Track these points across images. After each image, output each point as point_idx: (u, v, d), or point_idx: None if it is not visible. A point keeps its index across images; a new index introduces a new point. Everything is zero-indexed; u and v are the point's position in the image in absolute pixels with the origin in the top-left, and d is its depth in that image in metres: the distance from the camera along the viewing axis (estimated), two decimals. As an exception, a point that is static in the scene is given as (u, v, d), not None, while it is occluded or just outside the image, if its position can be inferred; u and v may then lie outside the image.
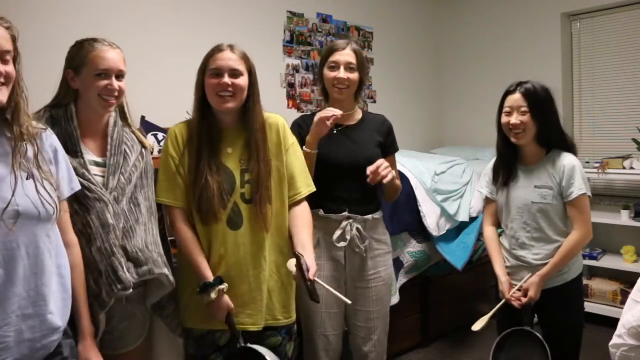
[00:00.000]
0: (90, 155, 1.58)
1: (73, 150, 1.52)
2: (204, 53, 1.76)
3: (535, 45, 4.06)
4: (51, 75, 1.61)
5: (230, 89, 1.69)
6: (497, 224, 2.21)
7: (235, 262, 1.71)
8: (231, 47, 1.74)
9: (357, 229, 2.02)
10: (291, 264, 1.68)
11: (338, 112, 1.93)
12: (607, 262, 3.62)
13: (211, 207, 1.67)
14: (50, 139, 1.39)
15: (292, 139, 1.86)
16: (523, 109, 1.98)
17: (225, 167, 1.74)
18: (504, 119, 2.04)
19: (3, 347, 1.19)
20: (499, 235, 2.21)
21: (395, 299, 2.81)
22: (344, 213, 2.01)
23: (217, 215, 1.68)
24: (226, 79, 1.69)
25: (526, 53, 4.09)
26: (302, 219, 1.82)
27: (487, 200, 2.23)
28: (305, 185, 1.85)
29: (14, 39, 1.26)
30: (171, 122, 2.76)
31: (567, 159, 2.01)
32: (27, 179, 1.25)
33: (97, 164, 1.57)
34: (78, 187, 1.44)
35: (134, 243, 1.56)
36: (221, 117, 1.77)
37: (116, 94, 1.58)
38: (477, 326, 2.00)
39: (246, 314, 1.73)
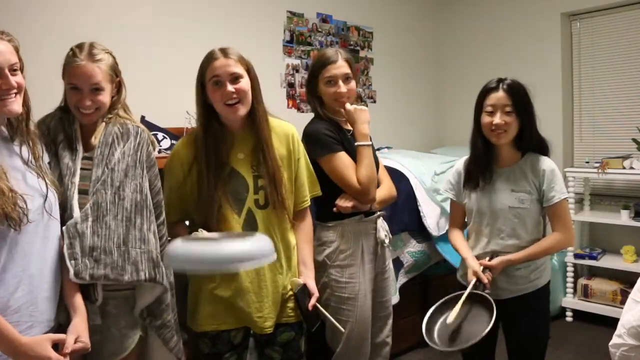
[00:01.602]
0: (84, 153, 1.61)
1: (70, 148, 1.58)
2: (204, 53, 1.76)
3: (535, 45, 4.06)
4: (50, 74, 1.62)
5: (235, 95, 1.68)
6: (463, 228, 2.12)
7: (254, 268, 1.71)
8: (224, 52, 1.70)
9: (383, 224, 2.12)
10: (294, 283, 1.79)
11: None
12: (607, 262, 3.61)
13: (213, 220, 1.67)
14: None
15: (302, 149, 1.88)
16: (508, 108, 1.86)
17: (238, 174, 1.74)
18: (485, 118, 1.91)
19: (29, 325, 1.35)
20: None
21: (395, 299, 2.81)
22: (376, 213, 2.08)
23: (220, 227, 1.68)
24: (229, 87, 1.67)
25: (526, 53, 4.09)
26: (305, 234, 1.88)
27: (453, 204, 2.12)
28: (312, 190, 1.92)
29: (17, 50, 1.38)
30: (171, 122, 2.78)
31: (546, 163, 1.92)
32: (38, 177, 1.42)
33: (88, 158, 1.60)
34: None
35: (102, 243, 1.49)
36: (229, 124, 1.77)
37: (90, 109, 1.58)
38: (450, 319, 1.82)
39: (265, 317, 1.74)
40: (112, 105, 1.64)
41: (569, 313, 3.71)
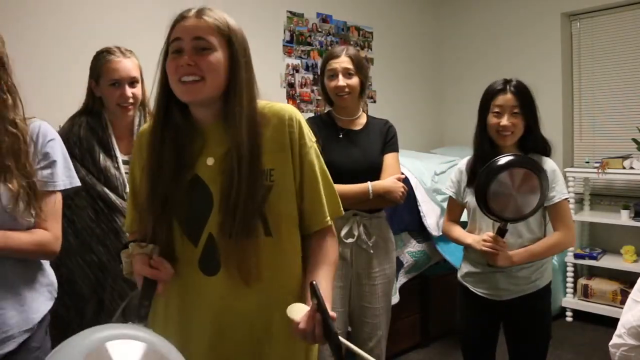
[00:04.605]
0: (122, 156, 1.71)
1: (109, 155, 1.67)
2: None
3: (535, 45, 4.06)
4: (47, 70, 1.63)
5: (193, 70, 1.13)
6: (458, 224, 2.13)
7: (217, 326, 1.18)
8: (200, 13, 1.21)
9: (364, 225, 2.08)
10: (294, 311, 1.09)
11: None
12: (607, 262, 3.61)
13: (165, 247, 1.18)
14: None
15: (310, 140, 1.27)
16: (515, 110, 1.88)
17: (202, 184, 1.18)
18: (492, 120, 1.91)
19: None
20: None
21: (395, 299, 2.81)
22: (350, 210, 2.05)
23: (173, 255, 1.18)
24: (186, 56, 1.14)
25: (526, 53, 4.09)
26: (323, 254, 1.24)
27: (451, 202, 2.12)
28: (332, 211, 1.27)
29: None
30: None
31: (548, 164, 1.92)
32: None
33: (125, 162, 1.69)
34: None
35: None
36: (197, 113, 1.22)
37: (131, 100, 1.69)
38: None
39: None
40: (142, 103, 1.76)
41: (569, 313, 3.71)
